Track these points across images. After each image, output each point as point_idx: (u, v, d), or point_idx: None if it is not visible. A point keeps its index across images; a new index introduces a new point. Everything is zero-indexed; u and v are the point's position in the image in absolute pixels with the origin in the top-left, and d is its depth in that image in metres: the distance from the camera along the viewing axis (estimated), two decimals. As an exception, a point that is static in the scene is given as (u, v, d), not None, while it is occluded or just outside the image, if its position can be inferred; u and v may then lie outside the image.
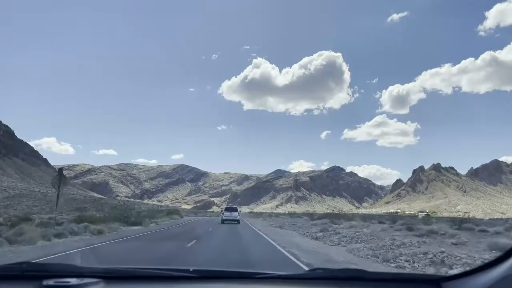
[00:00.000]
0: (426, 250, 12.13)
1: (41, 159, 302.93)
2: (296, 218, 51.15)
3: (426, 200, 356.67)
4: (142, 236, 20.35)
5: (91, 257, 10.10)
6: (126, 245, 15.03)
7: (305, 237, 21.41)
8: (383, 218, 44.05)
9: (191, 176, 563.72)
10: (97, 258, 10.16)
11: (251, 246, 15.40)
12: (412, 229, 22.31)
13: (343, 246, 15.65)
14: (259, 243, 16.86)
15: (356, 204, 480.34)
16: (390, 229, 25.04)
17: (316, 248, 15.10)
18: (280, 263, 10.56)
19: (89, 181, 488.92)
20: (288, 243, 16.34)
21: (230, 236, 20.95)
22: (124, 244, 15.52)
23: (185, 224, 36.87)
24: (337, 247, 15.57)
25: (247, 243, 16.45)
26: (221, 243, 16.76)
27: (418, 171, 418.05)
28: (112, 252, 12.62)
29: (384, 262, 10.88)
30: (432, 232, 19.81)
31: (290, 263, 10.52)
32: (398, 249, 13.04)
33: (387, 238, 17.04)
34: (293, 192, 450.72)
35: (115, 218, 29.28)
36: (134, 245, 15.22)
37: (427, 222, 30.66)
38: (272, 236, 21.23)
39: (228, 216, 35.20)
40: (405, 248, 13.10)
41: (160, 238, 19.45)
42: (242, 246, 15.30)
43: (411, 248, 13.05)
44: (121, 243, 15.87)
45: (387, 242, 14.98)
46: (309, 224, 33.85)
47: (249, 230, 26.33)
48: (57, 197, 24.13)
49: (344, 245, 15.92)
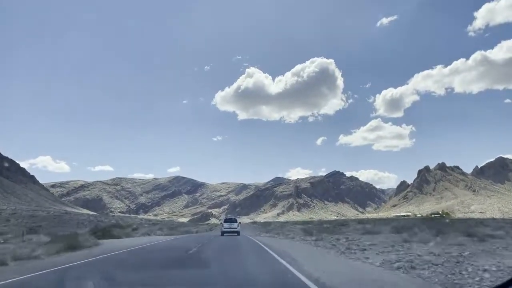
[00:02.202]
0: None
1: (28, 176, 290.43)
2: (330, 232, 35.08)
3: (435, 201, 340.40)
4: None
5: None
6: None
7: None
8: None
9: (187, 187, 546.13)
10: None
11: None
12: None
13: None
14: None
15: (359, 209, 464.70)
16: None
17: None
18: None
19: (82, 198, 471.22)
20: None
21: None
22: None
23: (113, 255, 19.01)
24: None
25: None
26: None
27: (423, 171, 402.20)
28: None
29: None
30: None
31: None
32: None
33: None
34: (294, 199, 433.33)
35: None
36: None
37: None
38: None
39: (228, 227, 34.05)
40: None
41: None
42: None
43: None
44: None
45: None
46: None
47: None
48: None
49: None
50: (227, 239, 27.13)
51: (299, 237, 27.18)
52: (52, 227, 51.93)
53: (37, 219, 72.25)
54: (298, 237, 27.21)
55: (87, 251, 17.31)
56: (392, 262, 11.00)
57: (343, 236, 23.86)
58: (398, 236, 19.65)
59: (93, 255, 15.36)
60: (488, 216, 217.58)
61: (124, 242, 24.18)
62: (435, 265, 9.92)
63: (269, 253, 15.13)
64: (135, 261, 13.91)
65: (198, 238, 30.70)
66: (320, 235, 25.50)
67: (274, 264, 11.51)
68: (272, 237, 31.72)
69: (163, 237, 35.97)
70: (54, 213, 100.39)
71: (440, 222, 34.00)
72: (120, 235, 30.03)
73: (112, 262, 13.37)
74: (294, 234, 31.40)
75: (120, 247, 19.99)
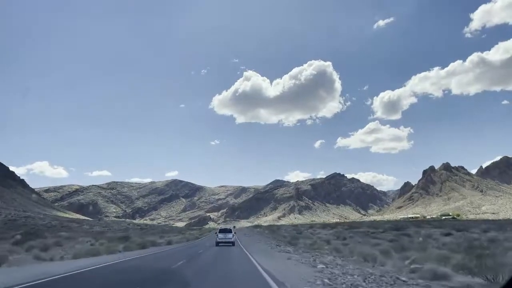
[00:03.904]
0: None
1: (17, 180, 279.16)
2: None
3: (442, 202, 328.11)
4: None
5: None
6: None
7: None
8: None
9: (185, 191, 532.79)
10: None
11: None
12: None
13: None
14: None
15: (361, 211, 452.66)
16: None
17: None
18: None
19: (76, 202, 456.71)
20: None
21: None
22: None
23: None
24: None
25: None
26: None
27: (428, 172, 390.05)
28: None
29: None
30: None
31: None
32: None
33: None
34: (295, 201, 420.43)
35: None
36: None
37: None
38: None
39: (223, 238, 34.02)
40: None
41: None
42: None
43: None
44: None
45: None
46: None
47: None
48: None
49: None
50: (213, 266, 15.37)
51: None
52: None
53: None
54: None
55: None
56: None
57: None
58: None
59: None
60: (501, 217, 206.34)
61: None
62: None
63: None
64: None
65: (168, 257, 19.44)
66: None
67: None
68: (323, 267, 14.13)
69: (117, 255, 22.09)
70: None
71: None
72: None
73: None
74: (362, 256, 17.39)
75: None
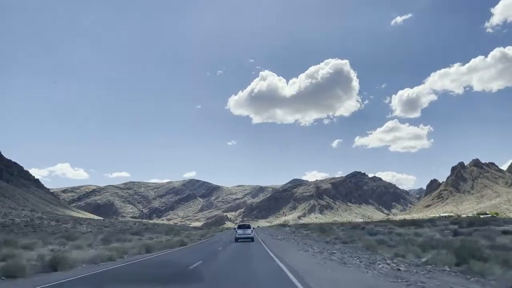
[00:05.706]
0: None
1: (32, 180, 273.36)
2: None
3: (475, 200, 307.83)
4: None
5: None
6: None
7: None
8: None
9: (202, 191, 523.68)
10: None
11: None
12: None
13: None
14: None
15: (385, 211, 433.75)
16: None
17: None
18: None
19: (93, 202, 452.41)
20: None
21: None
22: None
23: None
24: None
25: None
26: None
27: (458, 168, 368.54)
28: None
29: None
30: None
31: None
32: None
33: None
34: (315, 200, 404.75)
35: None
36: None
37: None
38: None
39: (242, 233, 34.05)
40: None
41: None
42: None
43: None
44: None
45: None
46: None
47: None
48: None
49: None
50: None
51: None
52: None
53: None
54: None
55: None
56: None
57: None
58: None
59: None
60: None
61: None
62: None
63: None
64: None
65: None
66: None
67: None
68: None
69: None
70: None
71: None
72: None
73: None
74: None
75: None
